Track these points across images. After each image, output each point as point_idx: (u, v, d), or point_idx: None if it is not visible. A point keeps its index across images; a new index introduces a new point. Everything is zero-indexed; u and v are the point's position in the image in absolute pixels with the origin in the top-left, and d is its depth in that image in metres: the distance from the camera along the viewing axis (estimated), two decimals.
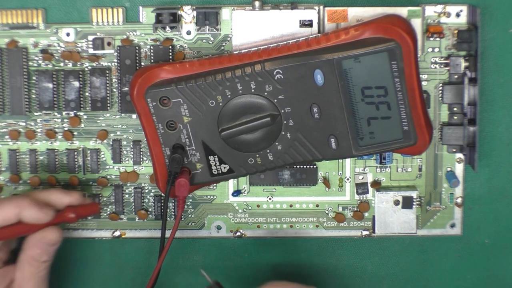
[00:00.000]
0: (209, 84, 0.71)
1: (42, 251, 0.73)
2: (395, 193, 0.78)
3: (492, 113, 0.78)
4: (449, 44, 0.77)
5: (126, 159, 0.79)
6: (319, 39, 0.71)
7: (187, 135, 0.73)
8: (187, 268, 0.81)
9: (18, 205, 0.71)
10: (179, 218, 0.73)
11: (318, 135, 0.73)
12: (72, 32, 0.77)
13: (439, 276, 0.81)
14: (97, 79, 0.77)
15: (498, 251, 0.81)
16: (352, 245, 0.81)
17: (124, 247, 0.80)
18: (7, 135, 0.78)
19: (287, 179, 0.78)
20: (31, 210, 0.71)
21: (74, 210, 0.74)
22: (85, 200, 0.75)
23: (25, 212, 0.71)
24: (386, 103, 0.71)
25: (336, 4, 0.76)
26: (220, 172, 0.74)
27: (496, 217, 0.80)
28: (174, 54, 0.77)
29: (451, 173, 0.78)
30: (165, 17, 0.76)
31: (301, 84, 0.71)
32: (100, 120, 0.78)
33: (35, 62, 0.77)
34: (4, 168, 0.79)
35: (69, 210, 0.74)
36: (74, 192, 0.75)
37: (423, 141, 0.72)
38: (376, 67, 0.70)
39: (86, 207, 0.75)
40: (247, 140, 0.73)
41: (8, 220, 0.71)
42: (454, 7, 0.76)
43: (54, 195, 0.74)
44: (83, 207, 0.75)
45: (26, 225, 0.72)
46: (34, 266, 0.73)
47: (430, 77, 0.77)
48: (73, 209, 0.74)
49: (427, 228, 0.80)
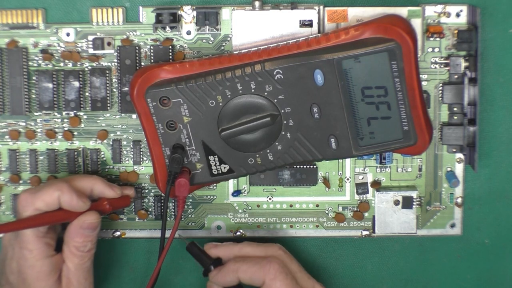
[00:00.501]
0: (209, 84, 0.71)
1: (85, 239, 0.73)
2: (395, 193, 0.78)
3: (492, 113, 0.79)
4: (449, 44, 0.77)
5: (126, 159, 0.79)
6: (319, 39, 0.71)
7: (187, 135, 0.73)
8: (187, 268, 0.81)
9: (59, 189, 0.71)
10: (179, 218, 0.73)
11: (318, 135, 0.73)
12: (72, 32, 0.77)
13: (439, 276, 0.81)
14: (97, 79, 0.77)
15: (498, 251, 0.81)
16: (352, 245, 0.81)
17: (124, 247, 0.80)
18: (7, 135, 0.78)
19: (287, 179, 0.78)
20: (70, 196, 0.71)
21: (109, 201, 0.74)
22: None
23: (64, 197, 0.71)
24: (386, 103, 0.71)
25: (336, 4, 0.76)
26: (220, 172, 0.74)
27: (496, 217, 0.80)
28: (174, 54, 0.77)
29: (451, 173, 0.78)
30: (165, 17, 0.76)
31: (301, 84, 0.71)
32: (100, 120, 0.78)
33: (35, 62, 0.77)
34: (4, 168, 0.79)
35: (104, 200, 0.74)
36: (116, 186, 0.75)
37: (423, 141, 0.72)
38: (376, 67, 0.70)
39: (119, 199, 0.75)
40: (247, 140, 0.73)
41: (51, 204, 0.71)
42: (454, 7, 0.76)
43: (96, 186, 0.74)
44: (117, 199, 0.75)
45: (64, 211, 0.72)
46: (79, 257, 0.73)
47: (430, 77, 0.77)
48: (108, 200, 0.74)
49: (427, 228, 0.80)
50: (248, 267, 0.74)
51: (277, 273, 0.73)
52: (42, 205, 0.71)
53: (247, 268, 0.74)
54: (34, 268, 0.72)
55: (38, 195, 0.71)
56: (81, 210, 0.72)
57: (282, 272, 0.73)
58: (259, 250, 0.76)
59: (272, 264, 0.73)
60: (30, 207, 0.71)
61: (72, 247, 0.73)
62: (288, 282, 0.73)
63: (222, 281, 0.75)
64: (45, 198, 0.71)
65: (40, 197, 0.71)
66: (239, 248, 0.76)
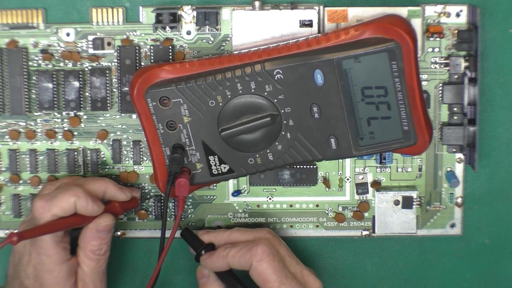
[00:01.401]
0: (209, 84, 0.71)
1: (100, 242, 0.73)
2: (395, 193, 0.78)
3: (492, 113, 0.78)
4: (449, 44, 0.77)
5: (126, 159, 0.79)
6: (319, 39, 0.71)
7: (187, 135, 0.73)
8: (187, 268, 0.81)
9: (75, 194, 0.71)
10: (179, 218, 0.73)
11: (318, 135, 0.73)
12: (72, 32, 0.77)
13: (439, 276, 0.81)
14: (97, 79, 0.77)
15: (498, 251, 0.81)
16: (352, 245, 0.81)
17: (124, 247, 0.80)
18: (7, 135, 0.78)
19: (287, 179, 0.78)
20: (86, 201, 0.71)
21: (121, 203, 0.75)
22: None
23: (80, 203, 0.71)
24: (386, 103, 0.71)
25: (336, 4, 0.76)
26: (220, 172, 0.74)
27: (496, 217, 0.80)
28: (174, 54, 0.77)
29: (451, 173, 0.78)
30: (165, 17, 0.76)
31: (301, 84, 0.71)
32: (100, 120, 0.78)
33: (35, 62, 0.77)
34: (4, 168, 0.79)
35: (115, 203, 0.75)
36: (126, 189, 0.76)
37: (423, 141, 0.72)
38: (376, 67, 0.70)
39: (129, 202, 0.76)
40: (247, 140, 0.73)
41: (68, 210, 0.71)
42: (454, 7, 0.76)
43: (109, 189, 0.74)
44: (127, 202, 0.76)
45: (80, 216, 0.72)
46: (95, 260, 0.73)
47: (430, 77, 0.77)
48: (120, 202, 0.75)
49: (427, 228, 0.80)
50: (236, 251, 0.73)
51: (264, 254, 0.72)
52: (59, 211, 0.71)
53: (235, 253, 0.73)
54: (53, 273, 0.72)
55: (55, 202, 0.71)
56: (96, 214, 0.73)
57: (269, 253, 0.72)
58: (248, 234, 0.75)
59: (259, 246, 0.73)
60: (47, 214, 0.71)
61: (88, 251, 0.73)
62: (275, 264, 0.72)
63: (212, 266, 0.74)
64: (62, 205, 0.71)
65: (57, 204, 0.71)
66: (229, 233, 0.76)
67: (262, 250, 0.72)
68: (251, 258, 0.72)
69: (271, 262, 0.72)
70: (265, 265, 0.72)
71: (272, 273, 0.72)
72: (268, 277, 0.72)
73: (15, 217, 0.79)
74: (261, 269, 0.72)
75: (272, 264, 0.72)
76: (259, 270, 0.72)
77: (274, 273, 0.72)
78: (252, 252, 0.72)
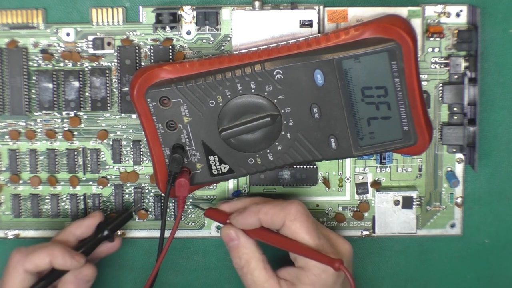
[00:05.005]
0: (209, 84, 0.71)
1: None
2: (395, 193, 0.78)
3: (492, 113, 0.79)
4: (449, 44, 0.77)
5: (126, 159, 0.79)
6: (319, 39, 0.71)
7: (187, 135, 0.73)
8: (187, 268, 0.81)
9: (50, 254, 0.72)
10: (179, 218, 0.73)
11: (318, 135, 0.73)
12: (72, 32, 0.77)
13: (439, 276, 0.81)
14: (97, 79, 0.77)
15: (498, 251, 0.81)
16: (352, 245, 0.81)
17: (124, 247, 0.80)
18: (7, 135, 0.78)
19: (287, 179, 0.78)
20: (62, 259, 0.72)
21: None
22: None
23: (57, 261, 0.72)
24: (386, 103, 0.71)
25: (336, 4, 0.76)
26: (220, 172, 0.74)
27: (496, 217, 0.80)
28: (174, 54, 0.77)
29: (451, 173, 0.78)
30: (165, 17, 0.76)
31: (301, 84, 0.71)
32: (100, 120, 0.78)
33: (35, 62, 0.77)
34: (4, 168, 0.79)
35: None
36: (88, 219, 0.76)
37: (423, 141, 0.72)
38: (376, 67, 0.70)
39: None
40: (247, 140, 0.73)
41: (41, 267, 0.72)
42: (454, 7, 0.76)
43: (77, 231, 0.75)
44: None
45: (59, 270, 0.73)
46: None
47: (430, 77, 0.77)
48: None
49: (427, 228, 0.80)
50: (269, 208, 0.72)
51: (298, 214, 0.71)
52: (32, 267, 0.72)
53: (268, 210, 0.72)
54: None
55: (30, 258, 0.72)
56: (77, 268, 0.73)
57: (303, 213, 0.72)
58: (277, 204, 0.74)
59: (294, 205, 0.72)
60: (20, 268, 0.71)
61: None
62: (309, 224, 0.72)
63: (243, 222, 0.73)
64: (36, 262, 0.72)
65: (31, 260, 0.71)
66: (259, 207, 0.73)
67: (296, 210, 0.72)
68: (285, 216, 0.72)
69: (304, 222, 0.72)
70: (298, 225, 0.72)
71: (306, 233, 0.71)
72: (301, 236, 0.72)
73: (15, 217, 0.79)
74: (294, 228, 0.72)
75: (305, 224, 0.72)
76: (292, 229, 0.72)
77: (307, 233, 0.71)
78: (286, 210, 0.72)
